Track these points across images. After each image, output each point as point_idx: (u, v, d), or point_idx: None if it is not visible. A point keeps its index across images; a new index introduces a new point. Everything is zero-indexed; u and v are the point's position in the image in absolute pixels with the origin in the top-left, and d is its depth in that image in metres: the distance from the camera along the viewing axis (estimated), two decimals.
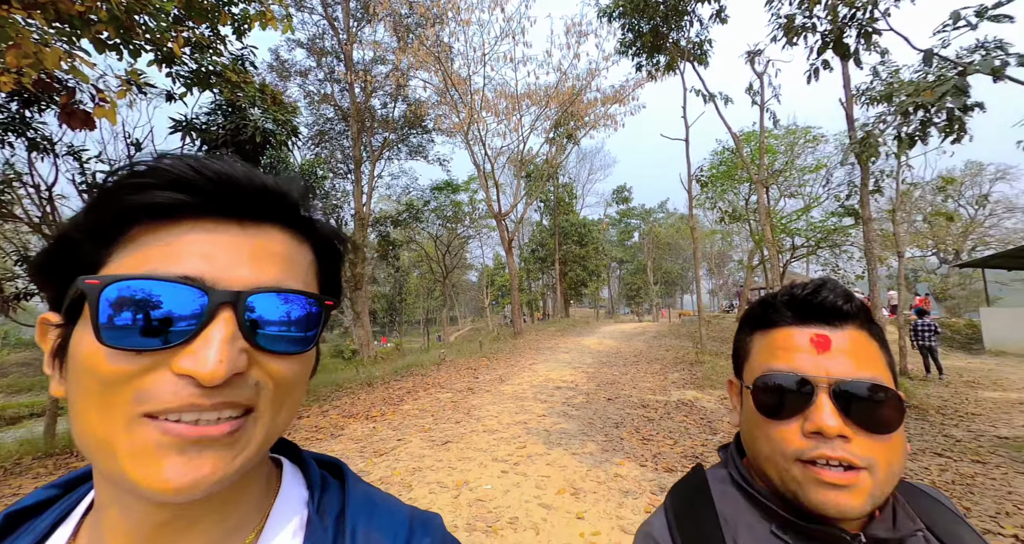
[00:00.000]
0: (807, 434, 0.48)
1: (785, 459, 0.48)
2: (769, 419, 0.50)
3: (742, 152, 11.96)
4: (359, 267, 18.98)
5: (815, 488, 0.47)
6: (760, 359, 0.53)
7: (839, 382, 0.48)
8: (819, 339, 0.50)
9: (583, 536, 2.74)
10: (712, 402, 6.71)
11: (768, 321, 0.54)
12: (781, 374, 0.50)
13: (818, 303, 0.51)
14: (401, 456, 4.13)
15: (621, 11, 11.87)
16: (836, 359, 0.49)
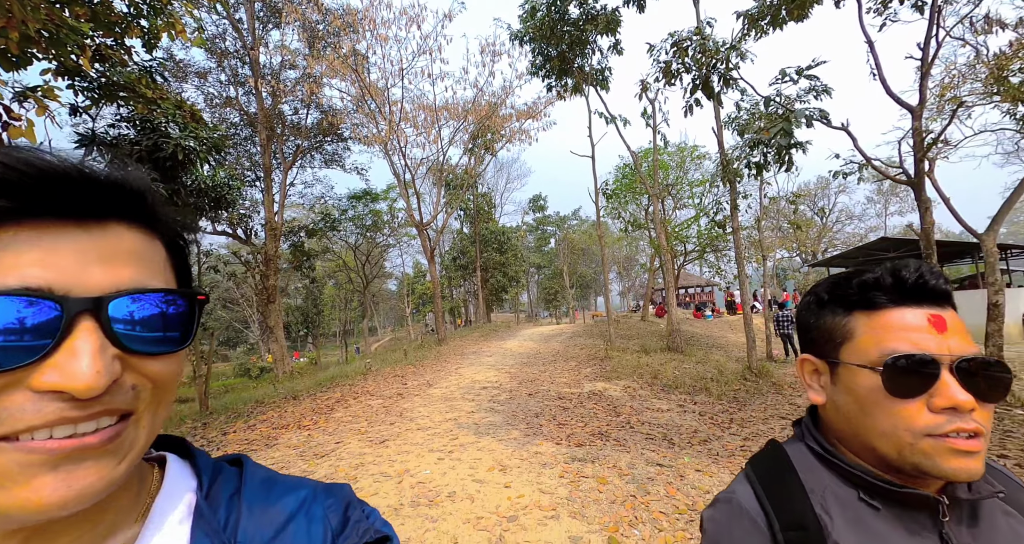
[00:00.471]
0: (938, 410, 0.49)
1: (913, 435, 0.50)
2: (896, 398, 0.51)
3: (640, 168, 13.53)
4: (271, 279, 18.10)
5: (949, 457, 0.49)
6: (874, 340, 0.54)
7: (961, 359, 0.50)
8: (936, 319, 0.52)
9: (510, 499, 3.35)
10: (618, 391, 7.71)
11: (873, 302, 0.55)
12: (910, 355, 0.50)
13: (925, 285, 0.53)
14: (342, 455, 4.45)
15: (531, 36, 12.85)
16: (953, 337, 0.52)
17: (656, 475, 3.73)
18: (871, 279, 0.55)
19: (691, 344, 13.92)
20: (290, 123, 18.79)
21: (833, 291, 0.59)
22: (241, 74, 17.54)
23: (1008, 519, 0.56)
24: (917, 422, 0.50)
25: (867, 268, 0.57)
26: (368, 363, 12.34)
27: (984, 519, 0.54)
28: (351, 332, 48.26)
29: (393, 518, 3.14)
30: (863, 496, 0.54)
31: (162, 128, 5.17)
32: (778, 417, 6.13)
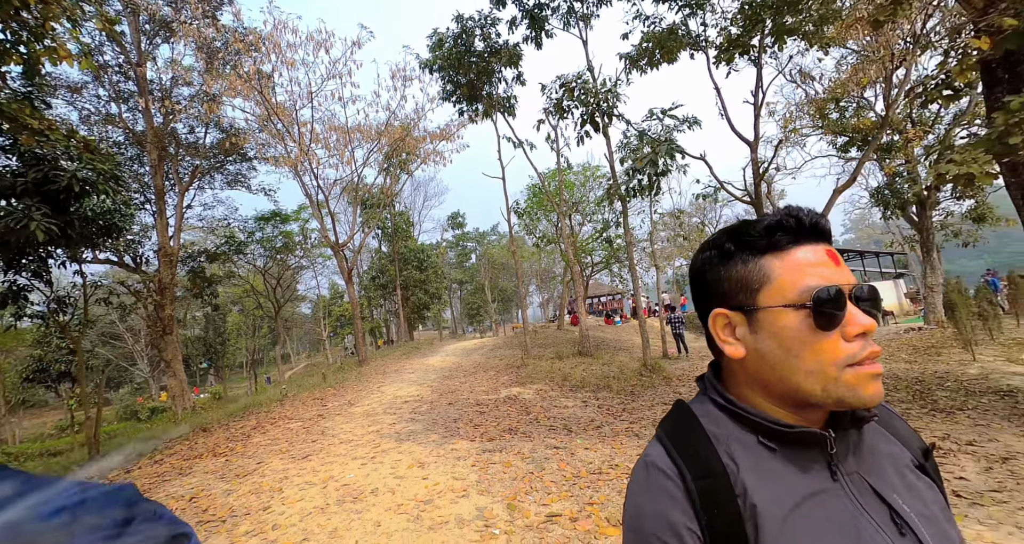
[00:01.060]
0: (851, 338, 0.52)
1: (837, 367, 0.52)
2: (822, 332, 0.52)
3: (547, 189, 14.71)
4: (167, 309, 16.75)
5: (868, 384, 0.52)
6: (791, 279, 0.55)
7: (856, 287, 0.54)
8: (832, 253, 0.56)
9: (427, 487, 3.84)
10: (531, 394, 8.44)
11: (780, 244, 0.56)
12: (827, 288, 0.52)
13: (818, 224, 0.57)
14: (265, 472, 4.62)
15: (440, 66, 13.57)
16: (843, 269, 0.56)
17: (552, 456, 4.44)
18: (774, 222, 0.57)
19: (600, 348, 15.19)
20: (186, 142, 17.67)
21: (738, 239, 0.59)
22: (124, 89, 16.27)
23: (882, 440, 0.61)
24: (839, 354, 0.52)
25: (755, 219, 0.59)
26: (284, 389, 11.97)
27: (865, 444, 0.59)
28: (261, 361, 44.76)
29: (320, 516, 3.49)
30: (761, 440, 0.57)
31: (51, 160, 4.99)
32: (662, 404, 7.20)
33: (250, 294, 23.71)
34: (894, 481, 0.57)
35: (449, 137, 18.49)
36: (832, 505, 0.53)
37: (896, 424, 0.66)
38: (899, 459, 0.60)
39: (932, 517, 0.55)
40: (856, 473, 0.56)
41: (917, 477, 0.60)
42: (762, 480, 0.54)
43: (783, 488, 0.54)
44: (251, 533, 3.35)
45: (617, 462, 4.14)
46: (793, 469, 0.55)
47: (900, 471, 0.59)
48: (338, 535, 3.17)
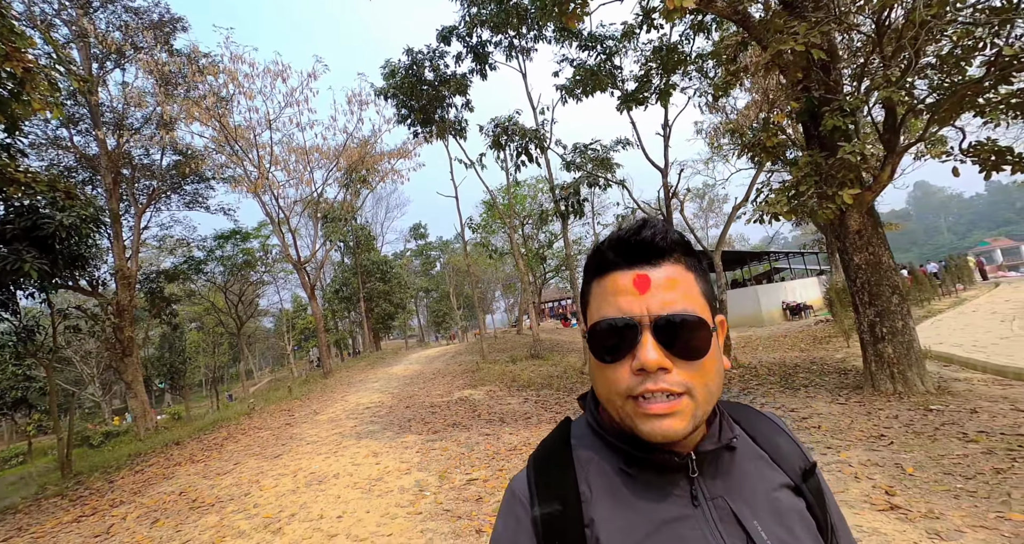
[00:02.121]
0: (634, 372, 0.50)
1: (620, 397, 0.51)
2: (604, 364, 0.52)
3: (497, 205, 15.88)
4: (126, 331, 16.89)
5: (643, 420, 0.50)
6: (596, 306, 0.54)
7: (658, 317, 0.50)
8: (639, 279, 0.52)
9: (378, 470, 4.85)
10: (481, 395, 9.50)
11: (601, 268, 0.55)
12: (610, 319, 0.51)
13: (638, 242, 0.53)
14: (243, 470, 5.49)
15: (393, 93, 14.51)
16: (656, 296, 0.51)
17: (482, 441, 5.52)
18: (603, 242, 0.56)
19: (553, 351, 16.42)
20: (141, 164, 17.81)
21: (587, 258, 0.58)
22: (75, 113, 16.34)
23: (756, 462, 0.59)
24: (621, 384, 0.51)
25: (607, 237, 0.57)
26: (252, 403, 12.55)
27: (735, 466, 0.57)
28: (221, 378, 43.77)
29: (292, 495, 4.44)
30: (622, 466, 0.56)
31: (35, 208, 5.66)
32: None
33: (211, 312, 23.70)
34: (760, 506, 0.55)
35: (406, 155, 19.39)
36: (685, 534, 0.51)
37: (779, 442, 0.64)
38: (773, 481, 0.58)
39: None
40: (721, 497, 0.54)
41: (789, 501, 0.57)
42: (616, 510, 0.53)
43: (636, 517, 0.52)
44: (236, 511, 4.26)
45: (532, 442, 5.26)
46: (651, 496, 0.54)
47: (771, 495, 0.57)
48: (307, 506, 4.14)
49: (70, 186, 5.99)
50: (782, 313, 19.92)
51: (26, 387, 14.91)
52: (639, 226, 0.54)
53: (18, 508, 5.84)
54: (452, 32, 12.34)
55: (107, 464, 8.15)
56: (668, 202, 9.53)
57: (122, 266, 16.50)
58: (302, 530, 3.66)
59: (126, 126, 16.25)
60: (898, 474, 3.14)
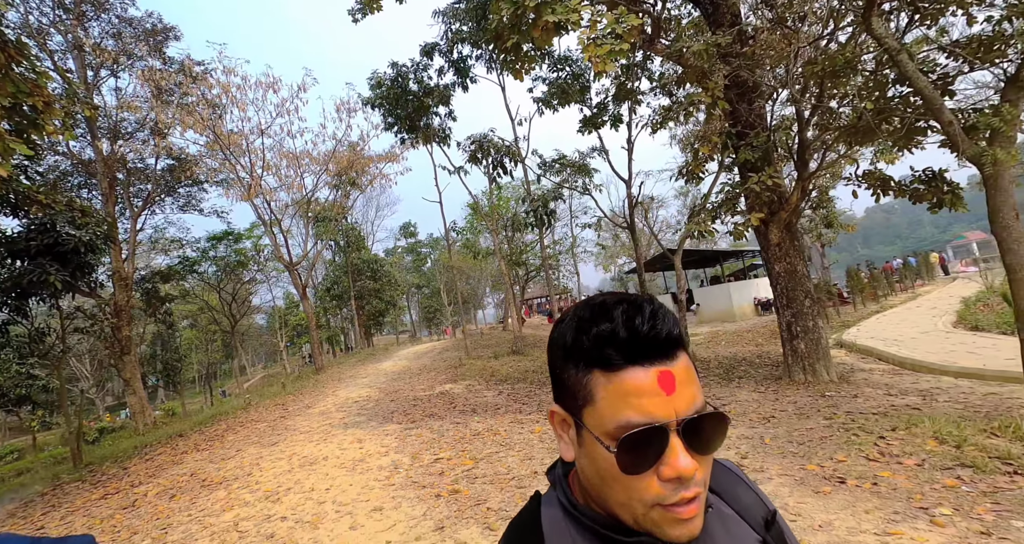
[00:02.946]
0: (665, 479, 0.47)
1: (644, 505, 0.48)
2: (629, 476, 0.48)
3: (480, 210, 16.68)
4: (125, 330, 17.54)
5: (674, 527, 0.48)
6: (612, 408, 0.48)
7: (687, 420, 0.47)
8: (665, 378, 0.48)
9: (361, 453, 5.70)
10: (460, 389, 10.37)
11: (609, 362, 0.49)
12: (642, 429, 0.46)
13: (657, 336, 0.49)
14: (244, 456, 6.32)
15: (380, 103, 15.21)
16: (681, 396, 0.48)
17: (452, 428, 6.40)
18: (607, 332, 0.49)
19: (535, 347, 17.31)
20: (135, 168, 18.36)
21: (575, 341, 0.52)
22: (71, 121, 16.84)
23: (726, 522, 0.59)
24: (648, 494, 0.47)
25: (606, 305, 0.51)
26: (248, 398, 13.34)
27: (707, 533, 0.54)
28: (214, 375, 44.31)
29: (288, 474, 5.29)
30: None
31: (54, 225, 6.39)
32: None
33: (205, 310, 24.32)
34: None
35: (394, 159, 20.09)
36: None
37: (739, 493, 0.63)
38: (742, 540, 0.58)
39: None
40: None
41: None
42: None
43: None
44: (241, 487, 5.11)
45: (496, 429, 6.14)
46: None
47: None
48: (300, 482, 4.99)
49: (86, 206, 6.72)
50: (753, 308, 20.96)
51: (29, 385, 15.56)
52: (653, 316, 0.49)
53: (43, 492, 6.64)
54: (434, 48, 13.06)
55: (115, 455, 8.93)
56: (632, 211, 10.40)
57: (119, 268, 17.13)
58: (297, 499, 4.51)
59: (120, 132, 16.79)
60: (758, 444, 4.05)
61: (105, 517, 4.86)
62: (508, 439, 5.54)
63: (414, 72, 14.12)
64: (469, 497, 3.96)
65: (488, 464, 4.74)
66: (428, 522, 3.60)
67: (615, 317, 0.50)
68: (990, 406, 4.50)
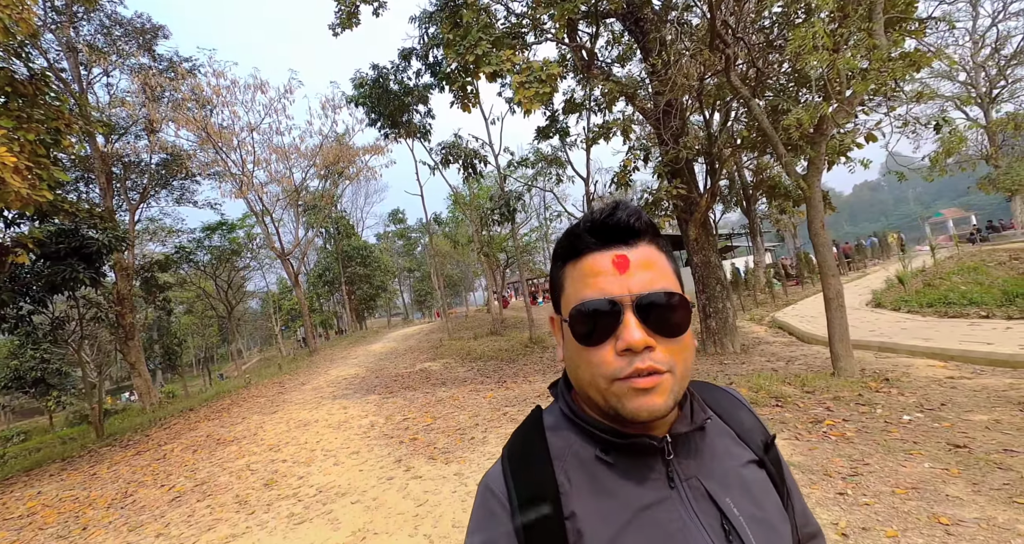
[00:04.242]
0: (619, 353, 0.50)
1: (605, 380, 0.51)
2: (587, 347, 0.51)
3: (461, 201, 17.77)
4: (128, 317, 18.68)
5: (631, 397, 0.50)
6: (573, 290, 0.54)
7: (640, 297, 0.51)
8: (619, 260, 0.52)
9: (346, 417, 7.03)
10: (438, 366, 11.70)
11: (575, 251, 0.55)
12: (592, 301, 0.51)
13: (614, 224, 0.53)
14: (249, 423, 7.63)
15: (363, 101, 16.09)
16: (635, 276, 0.52)
17: (422, 397, 7.73)
18: (574, 226, 0.56)
19: (513, 328, 18.68)
20: (130, 162, 19.15)
21: (557, 244, 0.58)
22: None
23: (724, 440, 0.61)
24: (605, 368, 0.51)
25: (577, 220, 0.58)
26: (248, 378, 14.64)
27: (705, 446, 0.58)
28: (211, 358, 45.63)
29: (286, 433, 6.61)
30: (599, 454, 0.55)
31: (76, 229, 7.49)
32: (528, 365, 10.65)
33: (201, 297, 25.43)
34: (731, 482, 0.57)
35: (379, 151, 21.00)
36: (663, 517, 0.52)
37: (742, 417, 0.66)
38: (740, 458, 0.60)
39: (764, 519, 0.55)
40: (695, 477, 0.56)
41: (755, 475, 0.60)
42: (595, 500, 0.53)
43: (616, 505, 0.53)
44: (249, 443, 6.42)
45: (457, 396, 7.46)
46: (629, 483, 0.54)
47: (738, 471, 0.59)
48: (296, 438, 6.31)
49: (104, 212, 7.80)
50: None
51: (43, 369, 16.76)
52: (612, 208, 0.54)
53: (78, 455, 7.93)
54: (411, 52, 13.94)
55: (132, 428, 10.22)
56: (589, 205, 11.59)
57: (119, 259, 18.14)
58: (293, 449, 5.83)
59: (115, 128, 17.55)
60: None
61: (143, 465, 6.17)
62: (463, 403, 6.88)
63: (394, 74, 14.99)
64: (423, 442, 5.29)
65: (443, 421, 6.07)
66: (390, 458, 4.93)
67: (584, 215, 0.57)
68: (820, 365, 5.88)
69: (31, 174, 5.38)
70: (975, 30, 20.10)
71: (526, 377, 8.44)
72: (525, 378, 8.33)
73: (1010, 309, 7.69)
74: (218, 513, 4.16)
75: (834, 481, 2.97)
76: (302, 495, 4.27)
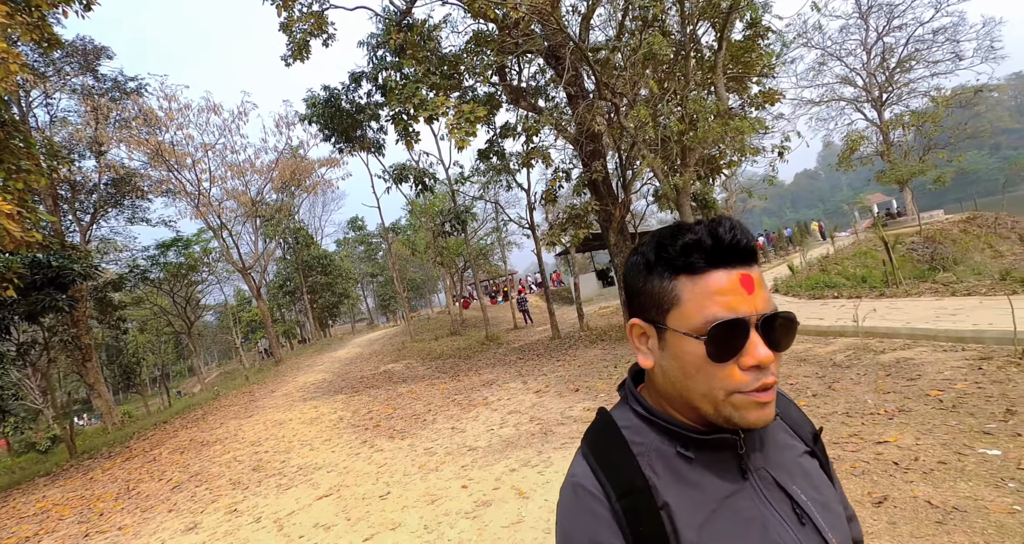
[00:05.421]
0: (746, 368, 0.53)
1: (725, 392, 0.54)
2: (716, 363, 0.54)
3: (417, 212, 18.76)
4: (84, 338, 18.65)
5: (752, 409, 0.54)
6: (696, 305, 0.55)
7: (764, 316, 0.54)
8: (746, 279, 0.55)
9: (316, 414, 8.05)
10: (400, 367, 12.76)
11: (694, 267, 0.56)
12: (727, 321, 0.53)
13: (738, 245, 0.56)
14: (229, 426, 8.51)
15: (315, 120, 16.78)
16: (759, 296, 0.55)
17: (384, 393, 8.83)
18: (692, 241, 0.56)
19: (473, 327, 19.87)
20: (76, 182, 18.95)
21: (659, 253, 0.59)
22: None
23: (782, 434, 0.66)
24: (730, 382, 0.54)
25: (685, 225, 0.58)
26: (216, 390, 15.18)
27: (768, 440, 0.64)
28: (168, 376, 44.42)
29: (264, 431, 7.57)
30: (680, 449, 0.59)
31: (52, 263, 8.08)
32: (482, 361, 11.86)
33: (159, 315, 25.20)
34: (793, 471, 0.62)
35: (335, 163, 21.64)
36: (742, 506, 0.57)
37: (792, 413, 0.71)
38: (796, 449, 0.66)
39: (825, 503, 0.61)
40: (763, 468, 0.61)
41: (810, 464, 0.66)
42: (682, 491, 0.57)
43: (701, 496, 0.57)
44: (232, 441, 7.35)
45: (414, 390, 8.60)
46: (709, 475, 0.58)
47: (797, 461, 0.64)
48: (274, 434, 7.29)
49: (78, 245, 8.39)
50: None
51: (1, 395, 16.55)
52: (732, 228, 0.56)
53: (62, 469, 8.55)
54: (362, 75, 14.82)
55: (108, 443, 10.75)
56: (531, 216, 12.93)
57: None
58: (273, 442, 6.84)
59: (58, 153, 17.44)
60: (557, 377, 6.74)
61: (136, 467, 7.00)
62: (420, 395, 8.05)
63: (345, 94, 15.80)
64: (385, 427, 6.44)
65: (402, 410, 7.23)
66: (357, 441, 6.06)
67: (698, 230, 0.57)
68: None
69: (22, 218, 6.10)
70: (866, 42, 22.82)
71: (477, 371, 9.68)
72: (476, 372, 9.57)
73: (860, 289, 9.59)
74: (217, 492, 5.18)
75: None
76: (286, 472, 5.35)
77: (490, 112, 11.50)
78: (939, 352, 4.46)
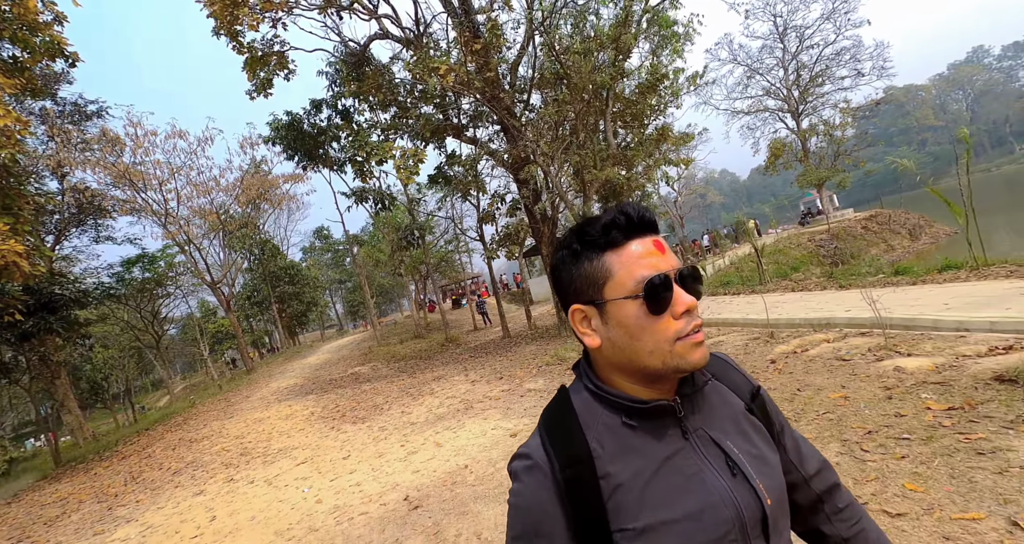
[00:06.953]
0: (679, 316, 0.62)
1: (669, 343, 0.62)
2: (655, 316, 0.61)
3: (380, 224, 20.01)
4: (54, 356, 19.08)
5: (693, 351, 0.62)
6: (626, 272, 0.63)
7: (679, 270, 0.64)
8: (658, 244, 0.65)
9: (291, 412, 9.38)
10: (366, 369, 14.09)
11: (616, 241, 0.64)
12: (655, 276, 0.61)
13: (644, 218, 0.65)
14: (212, 426, 9.71)
15: (279, 142, 17.80)
16: (669, 256, 0.65)
17: (351, 392, 10.21)
18: (609, 221, 0.64)
19: (437, 330, 21.26)
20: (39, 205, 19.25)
21: (582, 240, 0.66)
22: None
23: (720, 395, 0.73)
24: (670, 330, 0.61)
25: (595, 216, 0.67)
26: (193, 399, 16.08)
27: (707, 402, 0.71)
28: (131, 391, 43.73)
29: (246, 427, 8.85)
30: (625, 419, 0.65)
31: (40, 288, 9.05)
32: (438, 361, 13.32)
33: (126, 330, 25.46)
34: (728, 429, 0.69)
35: (300, 179, 22.58)
36: (683, 463, 0.64)
37: (731, 375, 0.78)
38: (735, 408, 0.73)
39: (759, 455, 0.68)
40: (701, 429, 0.67)
41: (748, 420, 0.72)
42: (626, 459, 0.63)
43: (643, 460, 0.63)
44: (218, 437, 8.60)
45: (376, 388, 10.01)
46: (651, 440, 0.64)
47: (735, 419, 0.71)
48: (255, 429, 8.59)
49: (65, 272, 9.36)
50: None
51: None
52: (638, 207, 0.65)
53: (56, 472, 9.55)
54: (322, 102, 16.01)
55: (95, 450, 11.67)
56: (481, 228, 14.50)
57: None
58: (255, 436, 8.16)
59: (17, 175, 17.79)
60: (491, 369, 8.33)
61: (134, 463, 8.18)
62: (380, 391, 9.49)
63: (307, 118, 16.92)
64: (350, 416, 7.88)
65: (364, 403, 8.67)
66: (327, 427, 7.49)
67: (611, 213, 0.65)
68: None
69: (29, 255, 7.22)
70: (783, 60, 25.50)
71: (432, 369, 11.17)
72: (431, 370, 11.06)
73: (754, 286, 11.61)
74: (212, 472, 6.53)
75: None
76: (269, 453, 6.74)
77: (441, 140, 13.02)
78: (734, 334, 6.30)
